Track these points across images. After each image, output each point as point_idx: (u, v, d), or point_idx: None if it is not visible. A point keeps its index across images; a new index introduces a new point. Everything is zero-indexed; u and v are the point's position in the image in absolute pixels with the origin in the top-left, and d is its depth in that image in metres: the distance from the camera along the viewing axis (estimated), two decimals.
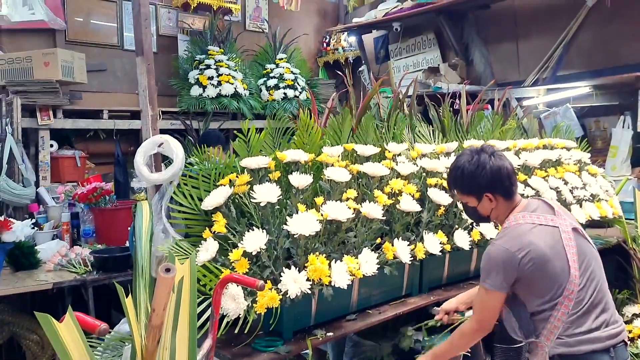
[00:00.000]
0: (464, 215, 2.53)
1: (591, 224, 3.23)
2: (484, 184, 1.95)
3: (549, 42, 4.71)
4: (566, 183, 3.13)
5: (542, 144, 3.41)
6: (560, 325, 1.83)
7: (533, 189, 2.93)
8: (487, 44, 5.37)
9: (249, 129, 2.15)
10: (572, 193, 3.12)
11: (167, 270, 1.23)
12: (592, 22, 4.47)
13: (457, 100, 3.49)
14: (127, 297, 1.37)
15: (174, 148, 2.00)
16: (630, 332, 3.34)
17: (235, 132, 2.26)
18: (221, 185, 2.00)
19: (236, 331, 1.79)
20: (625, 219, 3.49)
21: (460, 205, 2.45)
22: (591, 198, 3.23)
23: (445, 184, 2.56)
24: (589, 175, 3.39)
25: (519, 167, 3.02)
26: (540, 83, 4.76)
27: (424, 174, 2.59)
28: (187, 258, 1.50)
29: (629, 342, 3.32)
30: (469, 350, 2.51)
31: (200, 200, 2.01)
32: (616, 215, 3.36)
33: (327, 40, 6.49)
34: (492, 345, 2.83)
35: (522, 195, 2.86)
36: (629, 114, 4.29)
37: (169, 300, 1.31)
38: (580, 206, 3.17)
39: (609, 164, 4.35)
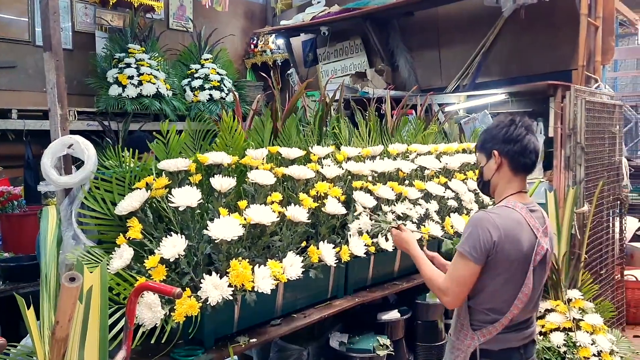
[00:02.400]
0: (389, 217, 2.58)
1: None
2: (499, 139, 1.89)
3: (469, 50, 4.90)
4: None
5: (461, 147, 3.53)
6: (500, 329, 1.86)
7: (453, 191, 3.02)
8: (411, 51, 5.51)
9: (168, 130, 2.06)
10: None
11: (72, 279, 1.15)
12: (508, 32, 4.69)
13: (383, 105, 3.54)
14: (31, 309, 1.27)
15: (85, 149, 1.88)
16: (543, 326, 3.52)
17: (154, 133, 2.16)
18: (137, 188, 1.90)
19: (153, 341, 1.70)
20: None
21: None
22: None
23: (370, 186, 2.59)
24: None
25: (439, 170, 3.11)
26: (461, 90, 4.93)
27: (349, 176, 2.60)
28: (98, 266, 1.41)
29: (541, 337, 3.49)
30: (392, 350, 2.56)
31: (114, 204, 1.90)
32: None
33: (254, 42, 6.43)
34: (415, 344, 2.89)
35: (445, 197, 2.95)
36: (541, 120, 4.53)
37: (74, 311, 1.21)
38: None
39: None
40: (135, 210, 1.85)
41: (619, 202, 4.44)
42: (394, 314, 2.70)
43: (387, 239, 2.49)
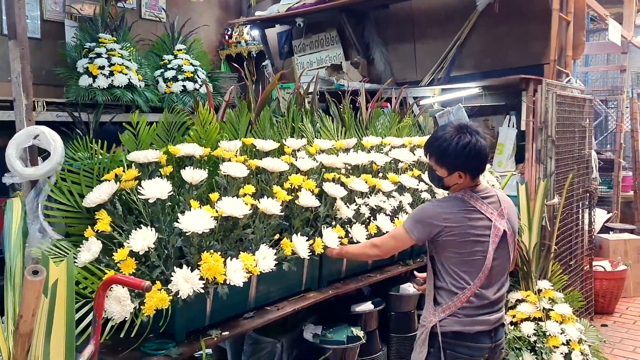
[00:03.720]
0: (362, 210, 2.58)
1: None
2: (461, 163, 2.03)
3: (444, 44, 4.93)
4: None
5: None
6: (460, 305, 2.03)
7: (426, 183, 3.04)
8: (387, 44, 5.51)
9: (138, 122, 2.02)
10: None
11: (35, 272, 1.12)
12: (482, 26, 4.73)
13: (358, 98, 3.55)
14: None
15: (52, 140, 1.83)
16: (514, 316, 3.58)
17: (124, 124, 2.12)
18: (106, 180, 1.87)
19: (122, 335, 1.68)
20: None
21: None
22: None
23: (342, 178, 2.59)
24: None
25: (413, 163, 3.12)
26: (436, 83, 4.97)
27: (323, 169, 2.59)
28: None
29: (512, 327, 3.54)
30: (365, 341, 2.57)
31: (82, 197, 1.86)
32: None
33: (229, 33, 6.35)
34: (388, 335, 2.91)
35: (418, 190, 2.96)
36: (514, 113, 4.60)
37: (39, 305, 1.19)
38: None
39: (496, 160, 4.63)
40: (104, 202, 1.82)
41: (588, 194, 4.54)
42: (367, 306, 2.71)
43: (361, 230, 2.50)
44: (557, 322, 3.49)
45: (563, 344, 3.40)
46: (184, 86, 4.89)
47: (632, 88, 6.98)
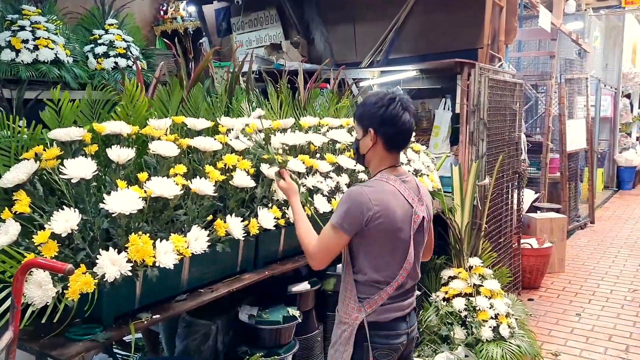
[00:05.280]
0: (300, 190, 2.58)
1: None
2: (376, 122, 1.92)
3: (383, 26, 4.98)
4: None
5: None
6: (386, 297, 1.94)
7: None
8: (327, 24, 5.50)
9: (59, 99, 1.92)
10: None
11: None
12: (419, 10, 4.80)
13: (297, 78, 3.52)
14: None
15: None
16: (446, 292, 3.71)
17: (45, 100, 2.00)
18: (25, 159, 1.76)
19: (44, 320, 1.61)
20: (444, 192, 3.84)
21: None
22: (414, 173, 3.49)
23: (279, 159, 2.56)
24: (413, 152, 3.65)
25: (351, 143, 3.14)
26: (375, 65, 5.01)
27: (259, 149, 2.56)
28: None
29: (444, 303, 3.66)
30: (302, 319, 2.59)
31: None
32: (436, 188, 3.68)
33: (164, 9, 6.14)
34: (325, 313, 2.95)
35: (356, 171, 2.99)
36: (449, 97, 4.72)
37: None
38: None
39: (432, 142, 4.75)
40: (23, 182, 1.72)
41: (517, 175, 4.74)
42: (304, 286, 2.73)
43: None
44: (486, 297, 3.65)
45: (492, 317, 3.56)
46: (115, 62, 4.67)
47: (560, 74, 7.30)
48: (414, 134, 3.86)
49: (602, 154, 10.84)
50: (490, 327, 3.52)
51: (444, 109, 4.77)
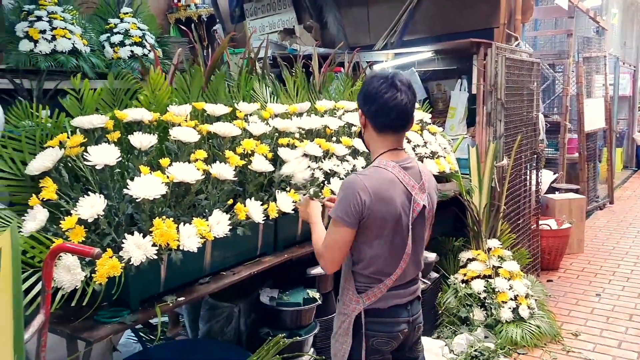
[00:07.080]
0: (316, 174, 2.59)
1: None
2: (361, 97, 1.85)
3: (397, 8, 4.92)
4: (409, 141, 3.34)
5: None
6: (385, 290, 1.88)
7: None
8: (340, 8, 5.46)
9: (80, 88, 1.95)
10: (414, 150, 3.34)
11: None
12: None
13: (311, 62, 3.52)
14: None
15: None
16: (465, 274, 3.72)
17: (66, 89, 2.03)
18: (49, 147, 1.80)
19: (74, 304, 1.65)
20: (461, 174, 3.83)
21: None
22: (431, 155, 3.48)
23: (296, 142, 2.58)
24: (430, 134, 3.64)
25: None
26: (389, 47, 4.97)
27: (277, 134, 2.58)
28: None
29: (463, 285, 3.67)
30: (322, 301, 2.61)
31: (25, 164, 1.80)
32: (453, 170, 3.67)
33: None
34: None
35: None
36: (466, 77, 4.67)
37: None
38: (422, 162, 3.41)
39: (448, 124, 4.72)
40: (49, 169, 1.76)
41: (535, 156, 4.71)
42: None
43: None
44: (505, 278, 3.65)
45: (511, 299, 3.57)
46: (132, 51, 4.71)
47: (577, 52, 7.18)
48: (429, 115, 3.88)
49: (621, 133, 10.67)
50: (510, 308, 3.53)
51: (460, 90, 4.73)
